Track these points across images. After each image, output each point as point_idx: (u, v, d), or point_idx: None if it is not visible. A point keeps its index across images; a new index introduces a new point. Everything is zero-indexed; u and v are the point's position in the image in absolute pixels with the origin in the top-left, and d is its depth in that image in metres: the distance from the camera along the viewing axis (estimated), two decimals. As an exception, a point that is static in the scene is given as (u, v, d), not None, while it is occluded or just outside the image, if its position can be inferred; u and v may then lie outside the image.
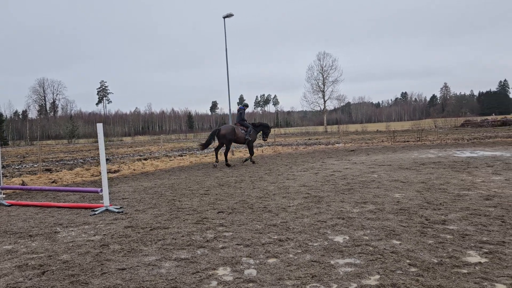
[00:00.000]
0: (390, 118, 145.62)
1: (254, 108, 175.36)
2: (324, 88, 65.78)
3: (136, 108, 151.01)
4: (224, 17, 21.43)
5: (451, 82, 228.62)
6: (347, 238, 4.89)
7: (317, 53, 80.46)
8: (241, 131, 14.86)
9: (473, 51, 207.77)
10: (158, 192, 9.09)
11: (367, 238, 4.84)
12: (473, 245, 4.41)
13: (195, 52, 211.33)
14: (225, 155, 14.88)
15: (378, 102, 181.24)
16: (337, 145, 24.24)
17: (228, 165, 14.54)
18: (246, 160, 15.72)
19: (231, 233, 5.33)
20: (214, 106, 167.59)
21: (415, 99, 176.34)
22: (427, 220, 5.51)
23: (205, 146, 14.88)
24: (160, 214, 6.73)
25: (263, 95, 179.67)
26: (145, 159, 19.14)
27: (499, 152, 14.79)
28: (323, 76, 65.68)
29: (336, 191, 8.09)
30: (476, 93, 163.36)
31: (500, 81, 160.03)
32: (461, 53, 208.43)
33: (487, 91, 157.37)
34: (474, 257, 4.04)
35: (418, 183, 8.65)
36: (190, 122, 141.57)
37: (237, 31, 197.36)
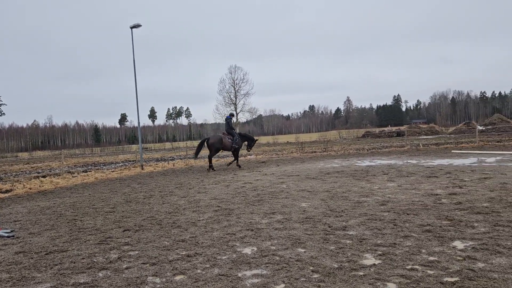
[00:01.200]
0: (299, 130, 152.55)
1: (166, 120, 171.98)
2: (236, 100, 66.71)
3: (35, 121, 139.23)
4: (132, 27, 20.78)
5: (353, 96, 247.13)
6: (255, 249, 4.95)
7: (229, 67, 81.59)
8: (228, 140, 16.47)
9: (371, 67, 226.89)
10: (57, 212, 8.39)
11: (274, 248, 4.95)
12: (369, 248, 4.74)
13: (103, 63, 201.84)
14: (209, 159, 16.60)
15: (288, 115, 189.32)
16: (249, 157, 24.68)
17: (211, 167, 16.33)
18: (230, 163, 17.44)
19: (137, 252, 5.10)
20: (123, 118, 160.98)
21: (322, 111, 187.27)
22: (329, 227, 5.81)
23: (196, 154, 17.11)
24: (58, 236, 6.21)
25: (175, 107, 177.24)
26: (44, 176, 17.62)
27: (394, 161, 16.22)
28: (234, 89, 66.61)
29: (246, 203, 8.19)
30: (375, 106, 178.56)
31: (394, 96, 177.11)
32: (361, 70, 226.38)
33: (383, 105, 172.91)
34: (369, 260, 4.34)
35: (323, 192, 9.11)
36: (96, 135, 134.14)
37: (147, 43, 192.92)
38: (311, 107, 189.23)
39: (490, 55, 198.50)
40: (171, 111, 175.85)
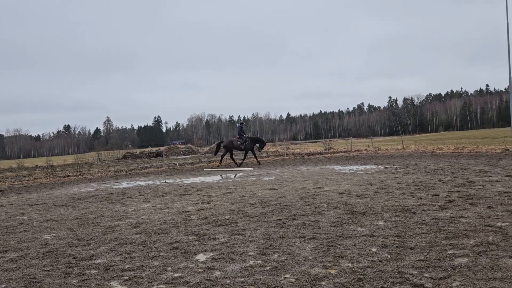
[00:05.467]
0: (52, 152, 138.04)
1: None
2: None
3: None
4: None
5: (113, 117, 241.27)
6: (-26, 300, 4.04)
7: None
8: (237, 142, 21.67)
9: (129, 89, 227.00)
10: None
11: (0, 294, 4.16)
12: (115, 275, 4.55)
13: None
14: (230, 157, 22.23)
15: (39, 135, 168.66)
16: (-18, 185, 20.50)
17: (236, 164, 21.73)
18: (240, 163, 21.91)
19: None
20: None
21: (79, 132, 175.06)
22: (74, 258, 5.32)
23: (215, 154, 24.38)
24: None
25: None
26: None
27: (152, 181, 16.47)
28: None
29: (-31, 243, 6.68)
30: (136, 127, 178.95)
31: (155, 117, 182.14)
32: (120, 90, 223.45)
33: (145, 126, 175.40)
34: (115, 287, 4.16)
35: (73, 219, 8.36)
36: None
37: None
38: (67, 127, 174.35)
39: (232, 84, 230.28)
40: None
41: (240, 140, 21.81)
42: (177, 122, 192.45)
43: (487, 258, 4.37)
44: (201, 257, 5.07)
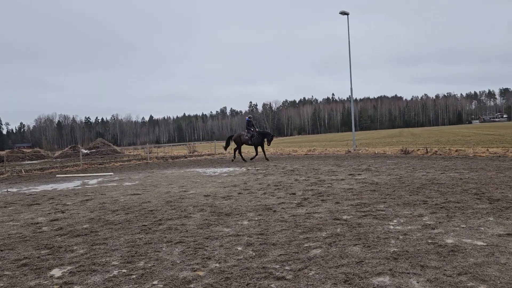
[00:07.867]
0: None
1: None
2: None
3: None
4: None
5: None
6: None
7: None
8: (245, 136, 20.93)
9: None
10: None
11: None
12: None
13: None
14: (239, 152, 21.92)
15: None
16: None
17: (243, 159, 21.42)
18: (252, 158, 21.95)
19: None
20: None
21: None
22: None
23: (225, 148, 23.44)
24: None
25: None
26: None
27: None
28: None
29: None
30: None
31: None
32: None
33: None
34: None
35: None
36: None
37: None
38: None
39: (86, 83, 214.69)
40: None
41: (248, 134, 20.98)
42: (21, 123, 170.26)
43: (337, 248, 4.92)
44: (56, 272, 4.59)
